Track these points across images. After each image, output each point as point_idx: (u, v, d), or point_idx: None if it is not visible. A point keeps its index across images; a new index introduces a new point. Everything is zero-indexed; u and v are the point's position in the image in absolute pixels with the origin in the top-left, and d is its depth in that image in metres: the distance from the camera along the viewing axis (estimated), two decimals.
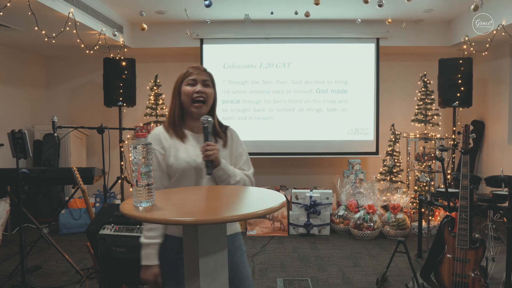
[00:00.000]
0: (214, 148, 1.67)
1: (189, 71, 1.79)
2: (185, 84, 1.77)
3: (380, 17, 5.07)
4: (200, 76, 1.78)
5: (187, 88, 1.76)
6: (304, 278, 3.60)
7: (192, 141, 1.76)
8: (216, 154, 1.66)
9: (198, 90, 1.75)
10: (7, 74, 5.23)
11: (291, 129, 5.48)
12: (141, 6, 4.46)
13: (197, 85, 1.76)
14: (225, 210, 1.46)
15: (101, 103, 5.21)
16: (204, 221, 1.36)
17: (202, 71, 1.81)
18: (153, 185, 1.54)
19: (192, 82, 1.77)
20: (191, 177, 1.71)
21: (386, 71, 5.83)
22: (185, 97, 1.76)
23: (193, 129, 1.80)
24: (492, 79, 5.55)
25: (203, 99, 1.76)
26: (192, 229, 1.56)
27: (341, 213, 4.97)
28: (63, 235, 4.86)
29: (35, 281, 3.43)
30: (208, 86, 1.80)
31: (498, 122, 5.40)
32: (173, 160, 1.71)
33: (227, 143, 1.81)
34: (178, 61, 5.94)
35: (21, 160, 3.34)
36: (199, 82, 1.77)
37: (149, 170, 1.58)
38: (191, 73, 1.78)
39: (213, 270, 1.58)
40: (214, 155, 1.66)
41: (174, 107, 1.79)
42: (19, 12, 3.50)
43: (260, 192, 1.81)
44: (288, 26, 5.38)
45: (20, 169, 3.24)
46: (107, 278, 2.52)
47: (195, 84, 1.77)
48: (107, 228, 2.39)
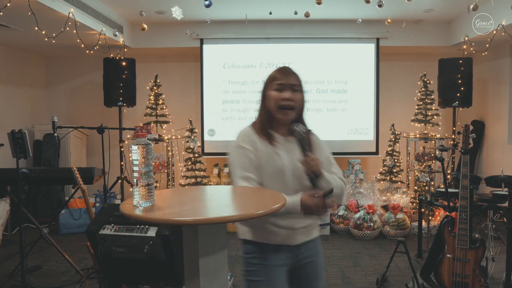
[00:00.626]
0: (316, 159, 1.57)
1: (275, 76, 1.69)
2: (272, 88, 1.67)
3: (380, 17, 5.07)
4: (288, 80, 1.67)
5: (273, 93, 1.66)
6: None
7: (282, 145, 1.69)
8: (320, 166, 1.57)
9: (285, 97, 1.64)
10: (7, 74, 5.23)
11: None
12: (141, 6, 4.45)
13: (284, 90, 1.66)
14: (225, 210, 1.46)
15: (101, 103, 5.21)
16: (204, 221, 1.36)
17: (290, 75, 1.69)
18: (153, 185, 1.54)
19: (279, 87, 1.66)
20: (283, 183, 1.64)
21: (386, 71, 5.83)
22: (271, 102, 1.67)
23: (281, 132, 1.72)
24: (492, 79, 5.55)
25: (291, 107, 1.66)
26: (192, 229, 1.56)
27: (341, 213, 4.97)
28: (63, 235, 4.86)
29: (35, 281, 3.43)
30: (296, 91, 1.68)
31: (498, 122, 5.40)
32: (264, 163, 1.65)
33: (313, 149, 1.71)
34: (178, 61, 5.95)
35: (21, 160, 3.34)
36: (287, 87, 1.66)
37: (149, 170, 1.58)
38: (277, 78, 1.68)
39: (213, 270, 1.58)
40: (318, 167, 1.56)
41: (263, 112, 1.72)
42: (19, 12, 3.50)
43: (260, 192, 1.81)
44: (288, 26, 5.38)
45: (20, 169, 3.24)
46: (107, 278, 2.52)
47: (282, 89, 1.66)
48: (107, 228, 2.39)
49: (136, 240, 2.32)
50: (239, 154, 1.67)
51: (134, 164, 1.57)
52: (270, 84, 1.69)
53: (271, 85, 1.69)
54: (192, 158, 5.14)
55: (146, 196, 1.54)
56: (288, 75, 1.69)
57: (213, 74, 5.48)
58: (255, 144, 1.67)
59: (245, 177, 1.63)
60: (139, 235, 2.31)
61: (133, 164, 1.57)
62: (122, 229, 2.37)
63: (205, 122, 5.51)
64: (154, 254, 2.32)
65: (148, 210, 1.49)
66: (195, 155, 5.14)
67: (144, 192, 1.54)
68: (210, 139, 5.53)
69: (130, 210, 1.50)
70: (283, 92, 1.65)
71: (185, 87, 5.95)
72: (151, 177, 1.58)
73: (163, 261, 2.34)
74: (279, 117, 1.66)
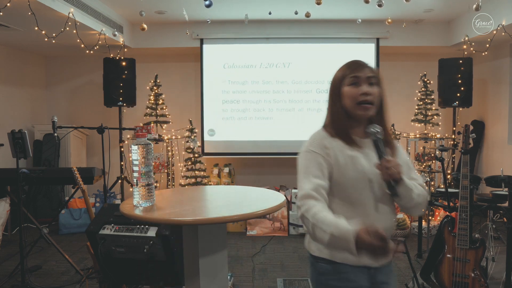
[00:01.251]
0: (396, 164, 1.40)
1: (351, 67, 1.52)
2: (347, 84, 1.50)
3: (380, 17, 5.06)
4: (363, 73, 1.49)
5: (349, 89, 1.49)
6: (304, 278, 3.60)
7: (361, 148, 1.51)
8: (400, 171, 1.40)
9: (364, 91, 1.47)
10: (7, 74, 5.23)
11: (291, 129, 5.48)
12: (141, 6, 4.45)
13: (361, 84, 1.48)
14: (225, 210, 1.46)
15: (101, 103, 5.21)
16: (204, 221, 1.36)
17: (365, 67, 1.52)
18: (153, 185, 1.54)
19: (355, 80, 1.49)
20: (363, 190, 1.47)
21: (386, 71, 5.82)
22: (348, 100, 1.50)
23: (358, 133, 1.54)
24: (492, 79, 5.54)
25: (370, 101, 1.48)
26: (192, 229, 1.56)
27: None
28: (63, 235, 4.86)
29: (35, 281, 3.43)
30: (374, 84, 1.50)
31: (498, 122, 5.40)
32: (341, 169, 1.48)
33: (395, 151, 1.54)
34: (178, 61, 5.95)
35: (21, 160, 3.34)
36: (363, 80, 1.49)
37: (149, 170, 1.58)
38: (354, 70, 1.51)
39: (213, 270, 1.58)
40: (399, 174, 1.40)
41: (337, 112, 1.53)
42: (19, 12, 3.50)
43: (260, 192, 1.81)
44: (288, 26, 5.38)
45: (20, 169, 3.24)
46: (107, 278, 2.52)
47: (358, 83, 1.48)
48: (107, 228, 2.39)
49: (136, 240, 2.32)
50: (308, 159, 1.51)
51: (134, 164, 1.57)
52: (343, 80, 1.52)
53: (344, 81, 1.51)
54: (192, 158, 5.14)
55: (146, 196, 1.54)
56: (362, 67, 1.51)
57: (213, 74, 5.48)
58: (327, 149, 1.49)
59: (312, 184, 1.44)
60: (139, 235, 2.31)
61: (133, 164, 1.57)
62: (122, 229, 2.37)
63: (205, 122, 5.51)
64: (154, 254, 2.32)
65: (148, 210, 1.49)
66: (195, 155, 5.14)
67: (144, 192, 1.54)
68: (210, 139, 5.53)
69: (130, 210, 1.50)
70: (360, 86, 1.48)
71: (185, 87, 5.95)
72: (151, 177, 1.58)
73: (163, 261, 2.34)
74: (359, 113, 1.48)
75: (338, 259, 1.49)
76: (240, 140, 5.51)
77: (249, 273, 3.75)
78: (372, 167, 1.46)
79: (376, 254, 1.24)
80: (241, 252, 4.29)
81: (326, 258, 1.51)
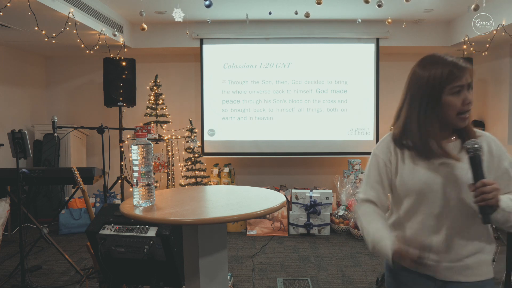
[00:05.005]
0: (494, 188, 1.24)
1: (454, 73, 1.32)
2: (450, 92, 1.33)
3: (380, 17, 5.07)
4: (467, 79, 1.34)
5: (453, 99, 1.33)
6: (304, 278, 3.60)
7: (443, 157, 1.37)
8: (497, 197, 1.24)
9: (468, 101, 1.34)
10: (7, 74, 5.23)
11: (291, 129, 5.48)
12: (141, 6, 4.45)
13: (463, 92, 1.34)
14: (225, 210, 1.46)
15: (101, 103, 5.21)
16: (204, 221, 1.36)
17: (468, 70, 1.35)
18: (153, 185, 1.54)
19: (459, 89, 1.33)
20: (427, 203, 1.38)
21: (386, 71, 5.83)
22: (450, 110, 1.34)
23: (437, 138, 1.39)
24: (492, 79, 5.55)
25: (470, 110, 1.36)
26: (192, 229, 1.56)
27: (341, 213, 4.97)
28: (63, 235, 4.86)
29: (35, 281, 3.43)
30: (470, 88, 1.37)
31: (498, 122, 5.40)
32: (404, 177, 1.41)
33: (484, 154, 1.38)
34: (178, 61, 5.95)
35: (21, 160, 3.35)
36: (466, 88, 1.35)
37: (149, 170, 1.58)
38: (457, 77, 1.32)
39: (213, 270, 1.58)
40: (495, 199, 1.24)
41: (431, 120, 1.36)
42: (19, 12, 3.50)
43: (260, 192, 1.81)
44: (288, 26, 5.38)
45: (20, 169, 3.24)
46: (107, 278, 2.52)
47: (461, 91, 1.34)
48: (107, 228, 2.39)
49: (136, 240, 2.32)
50: (371, 162, 1.49)
51: (134, 164, 1.57)
52: (446, 86, 1.33)
53: (447, 88, 1.33)
54: (192, 158, 5.14)
55: (146, 196, 1.54)
56: (465, 71, 1.33)
57: (213, 74, 5.48)
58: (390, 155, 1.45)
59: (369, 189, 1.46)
60: (139, 235, 2.31)
61: (133, 164, 1.57)
62: (122, 229, 2.37)
63: (205, 122, 5.51)
64: (154, 254, 2.33)
65: (148, 210, 1.49)
66: (195, 155, 5.14)
67: (144, 192, 1.54)
68: (210, 139, 5.53)
69: (130, 210, 1.50)
70: (462, 94, 1.33)
71: (185, 87, 5.95)
72: (151, 177, 1.58)
73: (163, 261, 2.34)
74: (459, 125, 1.36)
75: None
76: (240, 140, 5.51)
77: (249, 273, 3.75)
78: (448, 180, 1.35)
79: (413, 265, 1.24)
80: (241, 252, 4.29)
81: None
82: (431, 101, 1.35)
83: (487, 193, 1.23)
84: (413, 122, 1.39)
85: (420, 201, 1.39)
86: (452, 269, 1.37)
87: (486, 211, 1.25)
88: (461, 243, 1.37)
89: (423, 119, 1.37)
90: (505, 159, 1.39)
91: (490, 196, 1.23)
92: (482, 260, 1.38)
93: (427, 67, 1.37)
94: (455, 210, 1.36)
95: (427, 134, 1.37)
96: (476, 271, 1.38)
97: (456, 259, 1.37)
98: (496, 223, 1.31)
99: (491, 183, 1.25)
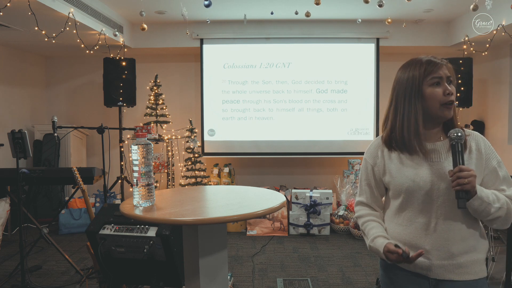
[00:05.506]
0: (470, 174, 1.30)
1: (429, 68, 1.42)
2: (429, 84, 1.42)
3: (380, 17, 5.07)
4: (445, 72, 1.42)
5: (433, 89, 1.41)
6: (304, 278, 3.60)
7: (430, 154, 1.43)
8: (472, 183, 1.30)
9: (449, 91, 1.40)
10: (7, 74, 5.23)
11: (291, 129, 5.48)
12: (141, 6, 4.46)
13: (442, 83, 1.42)
14: (225, 210, 1.46)
15: (101, 103, 5.21)
16: (204, 221, 1.36)
17: (445, 65, 1.44)
18: (153, 185, 1.54)
19: (438, 80, 1.41)
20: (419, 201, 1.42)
21: (386, 71, 5.83)
22: (432, 101, 1.41)
23: (431, 138, 1.47)
24: (492, 79, 5.55)
25: (453, 101, 1.42)
26: (192, 229, 1.56)
27: (341, 213, 4.97)
28: (63, 235, 4.86)
29: (35, 281, 3.43)
30: (451, 83, 1.44)
31: (498, 122, 5.40)
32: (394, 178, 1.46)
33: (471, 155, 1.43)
34: (178, 61, 5.95)
35: (21, 160, 3.35)
36: (444, 80, 1.42)
37: (149, 170, 1.58)
38: (432, 70, 1.42)
39: (213, 270, 1.58)
40: (471, 184, 1.30)
41: (415, 114, 1.43)
42: (19, 12, 3.50)
43: (260, 192, 1.81)
44: (288, 26, 5.38)
45: (20, 169, 3.24)
46: (107, 278, 2.52)
47: (440, 82, 1.42)
48: (107, 228, 2.39)
49: (136, 240, 2.32)
50: (363, 166, 1.60)
51: (134, 164, 1.57)
52: (424, 79, 1.42)
53: (426, 81, 1.42)
54: (192, 158, 5.14)
55: (146, 196, 1.54)
56: (443, 65, 1.44)
57: (213, 74, 5.48)
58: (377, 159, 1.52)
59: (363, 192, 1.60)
60: (139, 235, 2.31)
61: (133, 164, 1.57)
62: (122, 229, 2.37)
63: (205, 122, 5.51)
64: (154, 254, 2.33)
65: (148, 210, 1.49)
66: (195, 155, 5.14)
67: (144, 192, 1.54)
68: (210, 139, 5.53)
69: (130, 210, 1.50)
70: (442, 85, 1.42)
71: (185, 87, 5.95)
72: (151, 177, 1.58)
73: (163, 261, 2.34)
74: (444, 115, 1.41)
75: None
76: (240, 140, 5.51)
77: (249, 273, 3.75)
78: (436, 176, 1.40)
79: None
80: (241, 252, 4.29)
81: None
82: (413, 96, 1.43)
83: (463, 178, 1.29)
84: (399, 120, 1.46)
85: (408, 199, 1.44)
86: (444, 268, 1.39)
87: (461, 195, 1.30)
88: (452, 241, 1.39)
89: (407, 116, 1.44)
90: (493, 158, 1.46)
91: (466, 181, 1.28)
92: (475, 259, 1.40)
93: (406, 69, 1.48)
94: (443, 208, 1.39)
95: (411, 132, 1.43)
96: (469, 270, 1.39)
97: (447, 257, 1.39)
98: (474, 212, 1.35)
99: (468, 169, 1.30)
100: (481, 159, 1.43)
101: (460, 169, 1.31)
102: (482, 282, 1.41)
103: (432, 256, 1.40)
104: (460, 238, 1.39)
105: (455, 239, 1.38)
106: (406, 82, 1.45)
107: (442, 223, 1.39)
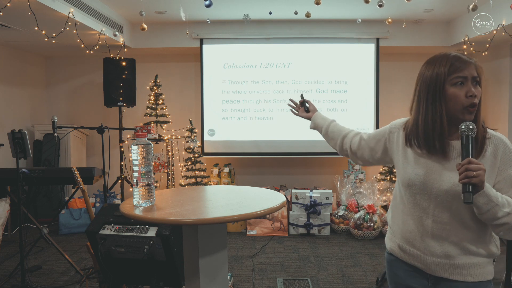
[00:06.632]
0: (479, 167, 1.22)
1: (454, 66, 1.32)
2: (451, 83, 1.33)
3: (380, 17, 5.07)
4: (471, 72, 1.32)
5: (455, 90, 1.32)
6: (304, 278, 3.60)
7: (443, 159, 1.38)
8: (481, 177, 1.22)
9: (472, 93, 1.31)
10: (7, 74, 5.23)
11: (291, 129, 5.48)
12: (141, 6, 4.45)
13: (467, 84, 1.32)
14: (225, 210, 1.46)
15: (101, 103, 5.21)
16: (204, 221, 1.36)
17: (473, 64, 1.33)
18: (153, 185, 1.54)
19: (461, 80, 1.32)
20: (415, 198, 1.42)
21: (386, 71, 5.83)
22: (453, 102, 1.33)
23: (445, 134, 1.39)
24: (492, 79, 5.55)
25: (476, 104, 1.32)
26: (192, 229, 1.56)
27: (341, 213, 4.97)
28: (63, 235, 4.86)
29: (35, 281, 3.43)
30: (478, 84, 1.34)
31: (498, 122, 5.40)
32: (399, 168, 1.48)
33: (486, 156, 1.35)
34: (178, 61, 5.95)
35: (21, 160, 3.35)
36: (469, 80, 1.32)
37: (149, 170, 1.58)
38: (458, 69, 1.32)
39: (213, 270, 1.58)
40: (479, 178, 1.21)
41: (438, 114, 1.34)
42: (19, 12, 3.50)
43: (260, 192, 1.81)
44: (288, 26, 5.38)
45: (20, 169, 3.24)
46: (107, 278, 2.52)
47: (464, 83, 1.32)
48: (107, 228, 2.39)
49: (136, 240, 2.32)
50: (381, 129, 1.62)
51: (134, 164, 1.57)
52: (447, 78, 1.33)
53: (449, 79, 1.33)
54: (192, 158, 5.14)
55: (146, 196, 1.54)
56: (470, 64, 1.33)
57: (213, 74, 5.48)
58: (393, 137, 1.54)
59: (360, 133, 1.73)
60: (139, 235, 2.31)
61: (133, 164, 1.57)
62: (122, 229, 2.37)
63: (205, 122, 5.51)
64: (154, 254, 2.33)
65: (148, 210, 1.49)
66: (195, 155, 5.14)
67: (144, 192, 1.54)
68: (210, 139, 5.53)
69: (130, 210, 1.50)
70: (465, 86, 1.32)
71: (185, 87, 5.95)
72: (151, 177, 1.58)
73: (163, 261, 2.34)
74: (465, 118, 1.32)
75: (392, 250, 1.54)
76: (240, 140, 5.51)
77: (249, 273, 3.75)
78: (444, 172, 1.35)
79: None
80: (241, 252, 4.29)
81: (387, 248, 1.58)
82: (436, 94, 1.35)
83: (471, 170, 1.21)
84: (421, 120, 1.39)
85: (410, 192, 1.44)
86: (440, 266, 1.38)
87: (468, 189, 1.22)
88: (449, 241, 1.37)
89: (431, 117, 1.36)
90: (511, 166, 1.35)
91: (474, 174, 1.21)
92: (475, 262, 1.36)
93: (431, 64, 1.40)
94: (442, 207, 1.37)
95: (436, 131, 1.36)
96: (466, 272, 1.36)
97: (443, 256, 1.37)
98: (479, 211, 1.27)
99: (477, 162, 1.23)
100: (494, 166, 1.35)
101: (469, 161, 1.23)
102: (484, 285, 1.37)
103: (427, 252, 1.40)
104: (458, 239, 1.36)
105: (453, 239, 1.36)
106: (429, 80, 1.36)
107: (440, 222, 1.37)
